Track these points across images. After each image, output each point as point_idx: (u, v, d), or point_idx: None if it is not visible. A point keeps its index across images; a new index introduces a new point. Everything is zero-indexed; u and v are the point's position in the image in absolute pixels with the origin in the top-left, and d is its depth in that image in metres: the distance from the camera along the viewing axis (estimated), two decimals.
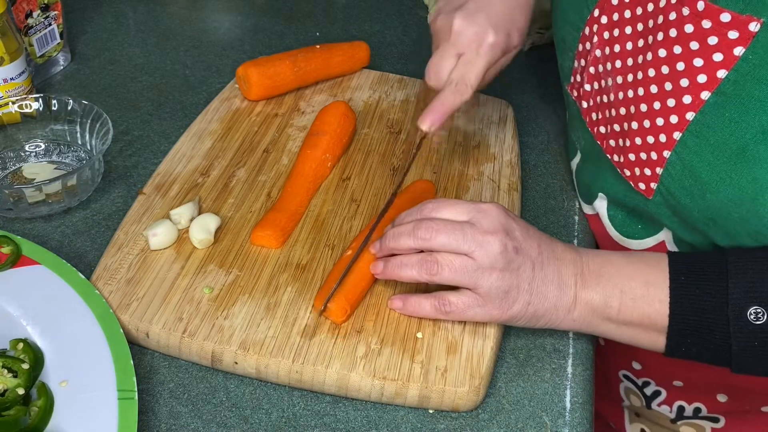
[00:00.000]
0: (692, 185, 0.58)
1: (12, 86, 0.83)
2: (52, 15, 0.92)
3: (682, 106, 0.57)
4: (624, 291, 0.59)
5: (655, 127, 0.60)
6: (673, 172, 0.60)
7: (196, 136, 0.82)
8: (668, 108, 0.58)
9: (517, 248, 0.59)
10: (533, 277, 0.60)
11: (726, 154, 0.55)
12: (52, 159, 0.80)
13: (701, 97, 0.55)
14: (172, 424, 0.59)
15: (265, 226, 0.70)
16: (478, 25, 0.67)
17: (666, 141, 0.59)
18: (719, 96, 0.55)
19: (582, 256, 0.62)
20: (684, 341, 0.58)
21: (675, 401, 0.77)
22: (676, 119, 0.58)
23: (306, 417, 0.60)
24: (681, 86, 0.57)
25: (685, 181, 0.59)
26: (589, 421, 0.62)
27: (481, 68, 0.68)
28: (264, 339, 0.62)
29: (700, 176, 0.57)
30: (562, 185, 0.84)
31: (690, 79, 0.56)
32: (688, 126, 0.57)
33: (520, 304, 0.60)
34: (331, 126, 0.80)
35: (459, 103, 0.68)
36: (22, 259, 0.66)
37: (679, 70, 0.57)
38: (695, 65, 0.55)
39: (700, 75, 0.55)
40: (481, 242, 0.59)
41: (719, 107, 0.55)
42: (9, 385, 0.55)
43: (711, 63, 0.54)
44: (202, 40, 1.04)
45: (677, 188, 0.60)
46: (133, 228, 0.70)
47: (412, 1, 1.17)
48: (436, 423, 0.60)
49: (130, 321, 0.62)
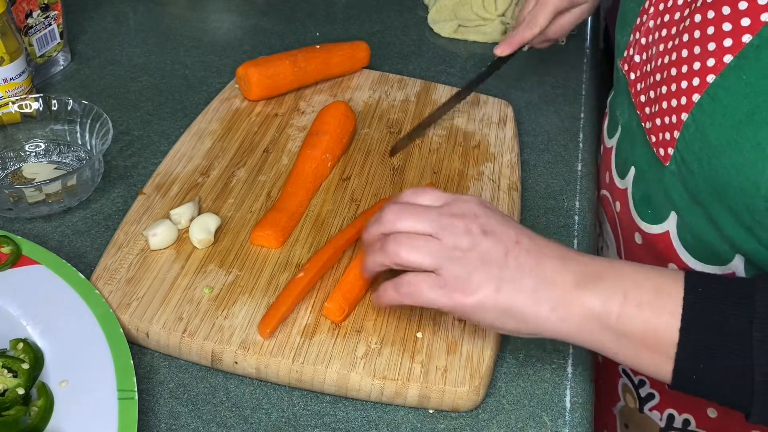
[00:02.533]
0: (701, 149, 0.58)
1: (12, 86, 0.83)
2: (52, 15, 0.92)
3: (705, 69, 0.57)
4: (628, 296, 0.52)
5: (680, 90, 0.60)
6: (687, 136, 0.59)
7: (196, 136, 0.82)
8: (693, 71, 0.58)
9: (486, 231, 0.55)
10: (505, 263, 0.54)
11: (736, 117, 0.54)
12: (52, 159, 0.80)
13: (724, 60, 0.56)
14: (172, 424, 0.59)
15: (265, 226, 0.70)
16: None
17: (686, 103, 0.59)
18: (740, 60, 0.55)
19: (579, 257, 0.56)
20: (696, 367, 0.50)
21: (666, 408, 0.76)
22: (698, 81, 0.58)
23: (306, 417, 0.60)
24: (708, 50, 0.57)
25: (696, 144, 0.58)
26: (589, 421, 0.62)
27: (550, 9, 0.86)
28: (264, 339, 0.62)
29: (709, 139, 0.57)
30: (562, 185, 0.84)
31: (717, 43, 0.56)
32: (707, 89, 0.57)
33: (487, 289, 0.54)
34: (331, 126, 0.80)
35: (528, 36, 0.86)
36: (22, 259, 0.66)
37: (708, 35, 0.57)
38: (724, 30, 0.56)
39: (726, 39, 0.56)
40: (446, 224, 0.56)
41: (738, 70, 0.55)
42: (9, 385, 0.55)
43: (738, 27, 0.55)
44: (202, 40, 1.04)
45: (688, 153, 0.60)
46: (133, 228, 0.70)
47: (412, 1, 1.17)
48: (436, 423, 0.60)
49: (130, 321, 0.62)
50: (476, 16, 1.07)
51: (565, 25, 0.89)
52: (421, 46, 1.07)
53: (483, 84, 0.89)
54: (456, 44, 1.08)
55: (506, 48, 0.87)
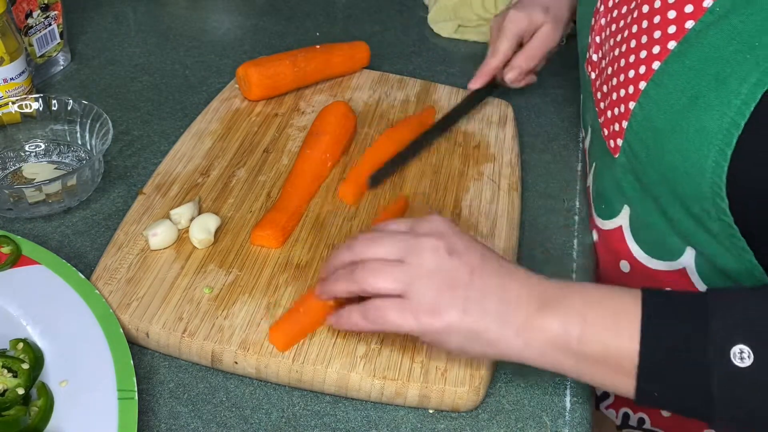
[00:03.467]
0: (649, 137, 0.59)
1: (12, 86, 0.83)
2: (52, 15, 0.92)
3: (651, 57, 0.59)
4: (587, 319, 0.52)
5: (627, 80, 0.61)
6: (634, 124, 0.61)
7: (196, 136, 0.82)
8: (640, 59, 0.60)
9: (452, 251, 0.55)
10: (470, 284, 0.54)
11: (681, 102, 0.55)
12: (52, 159, 0.80)
13: (668, 47, 0.57)
14: (172, 424, 0.59)
15: (264, 226, 0.70)
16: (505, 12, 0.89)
17: (633, 92, 0.60)
18: (683, 45, 0.56)
19: (542, 280, 0.56)
20: (656, 384, 0.51)
21: (621, 407, 0.76)
22: (644, 69, 0.59)
23: (306, 417, 0.60)
24: (654, 38, 0.58)
25: (643, 133, 0.59)
26: (589, 421, 0.62)
27: (506, 35, 0.87)
28: (264, 339, 0.62)
29: (655, 126, 0.58)
30: (562, 185, 0.84)
31: (662, 30, 0.58)
32: (653, 76, 0.58)
33: (454, 311, 0.53)
34: (331, 126, 0.80)
35: (493, 64, 0.89)
36: (22, 259, 0.66)
37: (655, 23, 0.59)
38: (669, 17, 0.57)
39: (671, 26, 0.57)
40: (412, 245, 0.55)
41: (681, 55, 0.56)
42: (9, 385, 0.55)
43: (682, 14, 0.56)
44: (202, 40, 1.04)
45: (637, 142, 0.61)
46: (133, 228, 0.70)
47: (412, 1, 1.17)
48: (436, 423, 0.60)
49: (130, 321, 0.62)
50: (476, 16, 1.07)
51: (537, 53, 0.89)
52: (421, 46, 1.07)
53: None
54: (456, 44, 1.08)
55: (477, 81, 0.89)
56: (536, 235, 0.78)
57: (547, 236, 0.78)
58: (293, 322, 0.62)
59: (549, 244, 0.77)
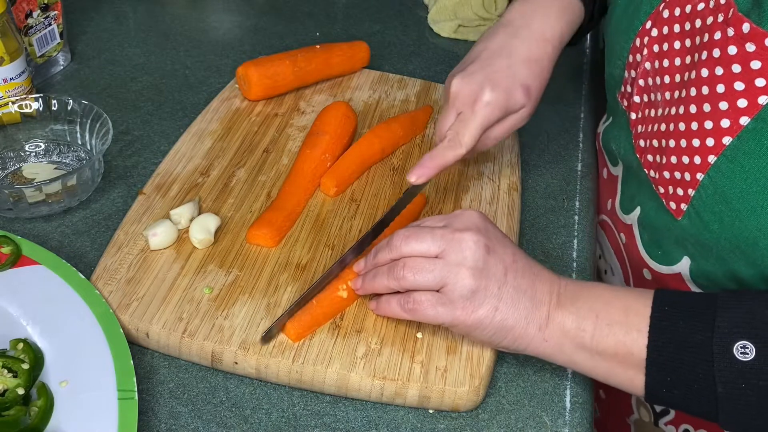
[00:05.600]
0: (723, 211, 0.57)
1: (12, 86, 0.83)
2: (52, 15, 0.92)
3: (719, 130, 0.55)
4: (600, 316, 0.55)
5: (691, 148, 0.58)
6: (704, 196, 0.58)
7: (196, 136, 0.82)
8: (705, 130, 0.57)
9: (489, 248, 0.57)
10: (504, 282, 0.57)
11: (760, 182, 0.54)
12: (52, 159, 0.80)
13: (740, 122, 0.54)
14: (172, 424, 0.59)
15: (261, 225, 0.70)
16: (474, 84, 0.67)
17: (700, 163, 0.57)
18: (758, 122, 0.53)
19: (561, 279, 0.59)
20: (664, 380, 0.53)
21: (682, 424, 0.75)
22: (713, 142, 0.56)
23: (306, 417, 0.60)
24: (720, 109, 0.55)
25: (716, 206, 0.57)
26: (589, 421, 0.62)
27: (476, 125, 0.67)
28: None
29: (731, 203, 0.56)
30: (562, 185, 0.84)
31: (729, 102, 0.54)
32: (724, 150, 0.55)
33: (486, 307, 0.56)
34: (331, 126, 0.80)
35: (451, 159, 0.67)
36: (22, 259, 0.66)
37: (719, 92, 0.55)
38: (736, 89, 0.54)
39: (740, 99, 0.54)
40: (451, 240, 0.57)
41: (757, 134, 0.53)
42: (9, 385, 0.55)
43: (752, 88, 0.53)
44: (202, 40, 1.04)
45: (707, 213, 0.58)
46: (133, 228, 0.70)
47: (412, 1, 1.17)
48: (436, 423, 0.60)
49: (130, 321, 0.62)
50: (476, 16, 1.07)
51: (498, 137, 0.71)
52: (421, 46, 1.07)
53: None
54: (456, 44, 1.08)
55: (422, 175, 0.67)
56: (536, 235, 0.78)
57: (547, 236, 0.78)
58: (306, 312, 0.63)
59: (549, 244, 0.77)
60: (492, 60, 0.69)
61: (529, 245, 0.76)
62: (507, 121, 0.71)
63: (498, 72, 0.68)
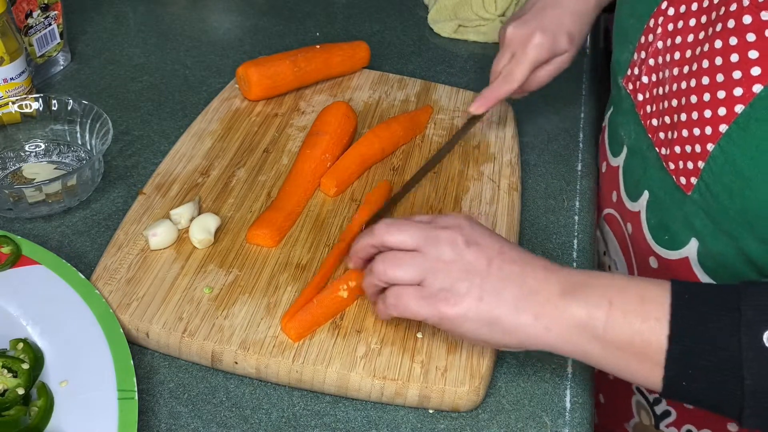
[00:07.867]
0: (732, 181, 0.56)
1: (12, 86, 0.83)
2: (52, 15, 0.92)
3: (732, 99, 0.55)
4: (613, 303, 0.52)
5: (703, 119, 0.58)
6: (714, 167, 0.58)
7: (196, 136, 0.82)
8: (718, 100, 0.56)
9: (470, 242, 0.56)
10: (488, 273, 0.54)
11: None
12: (52, 159, 0.80)
13: (753, 89, 0.54)
14: (172, 424, 0.59)
15: (260, 225, 0.70)
16: (527, 29, 0.79)
17: (711, 133, 0.57)
18: None
19: (563, 268, 0.56)
20: (685, 372, 0.50)
21: (684, 425, 0.74)
22: (725, 111, 0.56)
23: (306, 417, 0.60)
24: (733, 78, 0.55)
25: (726, 176, 0.57)
26: (589, 421, 0.62)
27: (527, 63, 0.79)
28: (264, 339, 0.62)
29: (742, 172, 0.55)
30: (562, 185, 0.84)
31: (743, 71, 0.54)
32: (736, 119, 0.55)
33: (469, 299, 0.54)
34: (331, 126, 0.80)
35: (505, 93, 0.80)
36: (22, 259, 0.66)
37: (732, 62, 0.55)
38: (750, 57, 0.54)
39: (754, 67, 0.54)
40: (430, 236, 0.56)
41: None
42: (9, 385, 0.55)
43: (766, 55, 0.53)
44: (202, 40, 1.04)
45: (717, 184, 0.58)
46: (133, 228, 0.70)
47: (412, 1, 1.17)
48: (436, 423, 0.60)
49: (130, 321, 0.62)
50: (476, 16, 1.07)
51: (543, 78, 0.82)
52: (421, 46, 1.07)
53: None
54: (456, 44, 1.08)
55: (481, 106, 0.81)
56: (536, 235, 0.78)
57: (547, 236, 0.78)
58: (306, 312, 0.62)
59: (549, 244, 0.77)
60: (543, 11, 0.80)
61: (529, 245, 0.76)
62: (552, 64, 0.81)
63: (547, 20, 0.80)
